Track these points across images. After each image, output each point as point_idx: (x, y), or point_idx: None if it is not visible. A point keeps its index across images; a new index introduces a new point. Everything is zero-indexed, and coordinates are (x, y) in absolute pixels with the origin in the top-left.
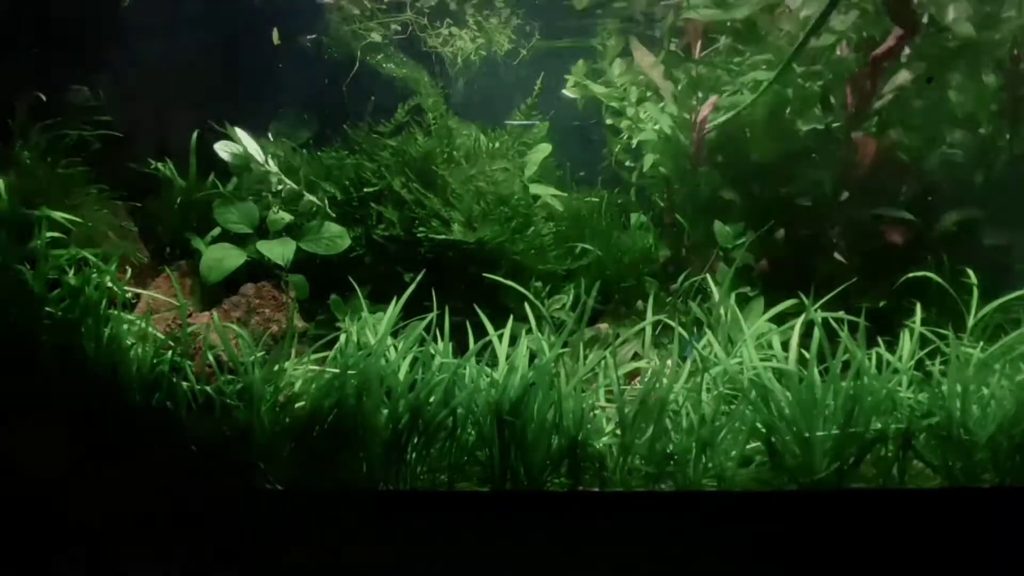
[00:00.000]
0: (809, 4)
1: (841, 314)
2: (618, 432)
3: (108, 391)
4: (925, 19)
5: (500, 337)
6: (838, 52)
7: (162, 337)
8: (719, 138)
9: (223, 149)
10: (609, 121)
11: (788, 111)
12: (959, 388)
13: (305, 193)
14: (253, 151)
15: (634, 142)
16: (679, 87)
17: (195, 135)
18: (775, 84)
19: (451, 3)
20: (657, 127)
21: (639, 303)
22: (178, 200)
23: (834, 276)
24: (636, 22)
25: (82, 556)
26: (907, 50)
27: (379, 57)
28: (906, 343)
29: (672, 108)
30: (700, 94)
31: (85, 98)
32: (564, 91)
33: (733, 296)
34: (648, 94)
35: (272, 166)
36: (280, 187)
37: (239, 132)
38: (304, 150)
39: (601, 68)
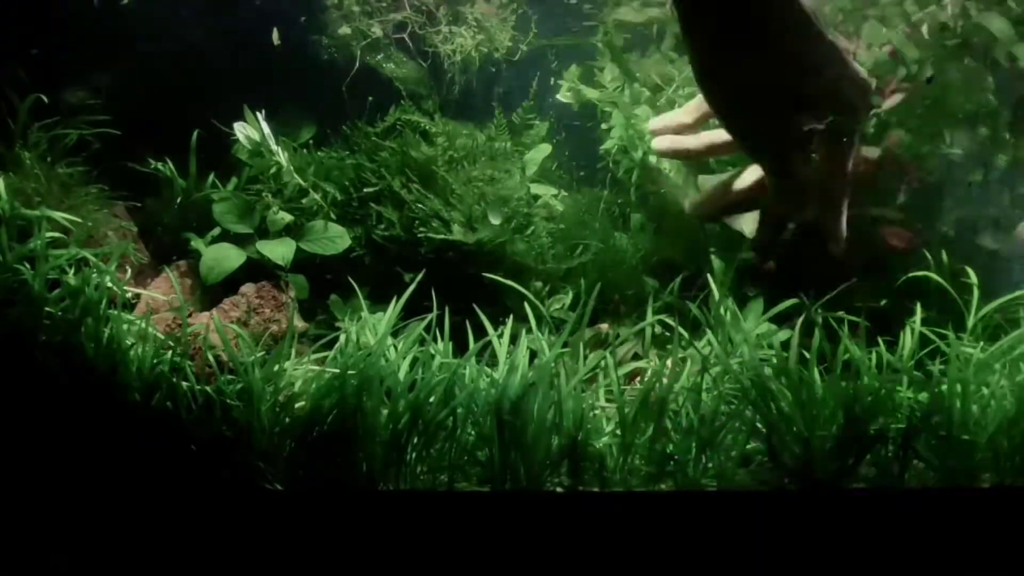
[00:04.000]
0: None
1: (841, 314)
2: (618, 432)
3: (108, 391)
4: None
5: (500, 337)
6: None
7: (162, 337)
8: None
9: (240, 130)
10: (604, 126)
11: None
12: (959, 388)
13: (311, 191)
14: (268, 139)
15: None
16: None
17: (195, 135)
18: None
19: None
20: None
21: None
22: (178, 200)
23: (834, 276)
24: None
25: (78, 556)
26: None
27: (379, 57)
28: (906, 342)
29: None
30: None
31: (84, 97)
32: (558, 96)
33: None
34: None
35: (283, 158)
36: (288, 180)
37: (259, 116)
38: (304, 150)
39: (601, 65)
